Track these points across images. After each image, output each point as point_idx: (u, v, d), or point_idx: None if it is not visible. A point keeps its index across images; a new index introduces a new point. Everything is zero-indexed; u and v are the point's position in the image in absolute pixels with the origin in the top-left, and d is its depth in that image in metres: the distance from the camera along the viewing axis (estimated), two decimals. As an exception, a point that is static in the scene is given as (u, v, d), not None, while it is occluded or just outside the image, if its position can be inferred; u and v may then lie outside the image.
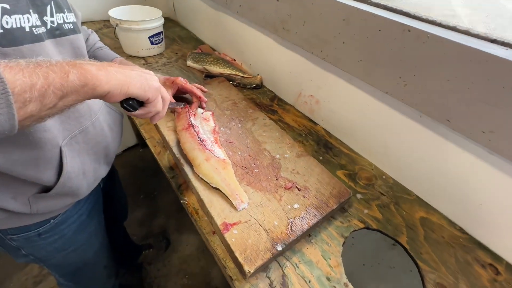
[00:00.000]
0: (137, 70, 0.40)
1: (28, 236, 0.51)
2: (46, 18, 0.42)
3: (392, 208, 0.58)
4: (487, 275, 0.48)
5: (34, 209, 0.47)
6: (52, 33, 0.44)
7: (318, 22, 0.62)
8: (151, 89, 0.40)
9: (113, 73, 0.35)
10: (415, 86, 0.50)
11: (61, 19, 0.46)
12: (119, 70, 0.37)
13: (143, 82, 0.38)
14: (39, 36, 0.40)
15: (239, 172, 0.55)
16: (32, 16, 0.39)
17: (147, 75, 0.41)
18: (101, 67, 0.34)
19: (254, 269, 0.41)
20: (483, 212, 0.51)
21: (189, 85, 0.68)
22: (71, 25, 0.48)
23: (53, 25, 0.44)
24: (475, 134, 0.45)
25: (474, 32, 0.47)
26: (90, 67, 0.33)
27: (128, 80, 0.36)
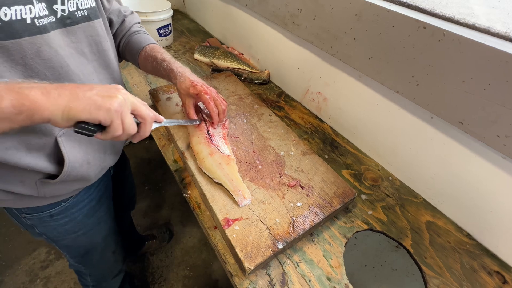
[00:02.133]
0: (96, 89, 0.35)
1: (41, 216, 0.53)
2: (56, 6, 0.40)
3: (397, 210, 0.57)
4: (494, 283, 0.47)
5: (41, 193, 0.47)
6: (63, 22, 0.42)
7: (329, 17, 0.60)
8: (101, 111, 0.34)
9: (55, 98, 0.32)
10: (428, 86, 0.48)
11: (73, 6, 0.43)
12: (66, 92, 0.33)
13: (90, 104, 0.33)
14: (42, 27, 0.38)
15: (242, 168, 0.55)
16: (36, 6, 0.37)
17: (103, 96, 0.35)
18: (46, 91, 0.32)
19: (254, 266, 0.41)
20: (493, 219, 0.49)
21: (212, 105, 0.57)
22: (86, 11, 0.45)
23: (64, 13, 0.41)
24: (489, 138, 0.43)
25: (494, 30, 0.44)
26: (32, 92, 0.31)
27: (70, 104, 0.32)
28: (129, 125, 0.38)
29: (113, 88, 0.37)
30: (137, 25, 0.64)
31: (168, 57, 0.60)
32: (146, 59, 0.61)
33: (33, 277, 1.11)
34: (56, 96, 0.32)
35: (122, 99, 0.36)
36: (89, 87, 0.35)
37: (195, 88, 0.57)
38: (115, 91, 0.37)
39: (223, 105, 0.60)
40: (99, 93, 0.35)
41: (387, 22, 0.50)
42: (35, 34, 0.37)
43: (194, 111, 0.60)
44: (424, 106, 0.50)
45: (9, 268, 1.12)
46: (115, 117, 0.35)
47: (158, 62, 0.59)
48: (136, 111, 0.39)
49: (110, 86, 0.37)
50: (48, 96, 0.32)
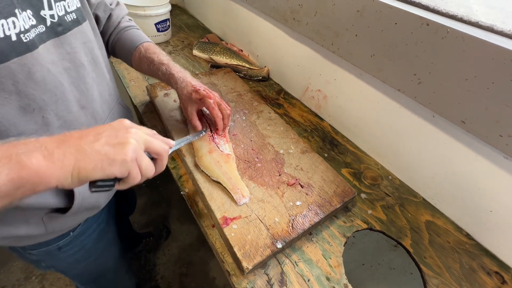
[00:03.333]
0: (104, 136, 0.30)
1: (48, 251, 0.49)
2: (44, 12, 0.34)
3: (397, 209, 0.56)
4: (493, 284, 0.47)
5: (50, 229, 0.43)
6: (54, 31, 0.36)
7: (330, 13, 0.59)
8: (116, 166, 0.29)
9: (60, 159, 0.26)
10: (430, 84, 0.47)
11: (62, 9, 0.38)
12: (70, 149, 0.27)
13: (102, 159, 0.28)
14: (29, 43, 0.32)
15: (241, 166, 0.54)
16: (20, 18, 0.31)
17: (114, 145, 0.30)
18: (48, 152, 0.26)
19: (252, 266, 0.40)
20: (493, 219, 0.49)
21: (216, 110, 0.53)
22: (74, 14, 0.40)
23: (54, 20, 0.36)
24: (492, 138, 0.43)
25: (498, 29, 0.44)
26: (32, 158, 0.25)
27: (79, 164, 0.27)
28: (147, 168, 0.33)
29: (121, 129, 0.32)
30: (126, 19, 0.59)
31: (166, 59, 0.56)
32: (142, 61, 0.56)
33: (28, 274, 1.10)
34: (61, 158, 0.26)
35: (135, 143, 0.31)
36: (94, 135, 0.30)
37: (197, 93, 0.52)
38: (125, 133, 0.31)
39: (227, 109, 0.56)
40: (108, 141, 0.29)
41: (389, 19, 0.49)
42: (24, 53, 0.32)
43: (197, 117, 0.55)
44: (426, 104, 0.49)
45: (4, 265, 1.11)
46: (132, 167, 0.31)
47: (155, 65, 0.55)
48: (150, 148, 0.34)
49: (117, 127, 0.32)
50: (52, 160, 0.26)
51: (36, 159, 0.25)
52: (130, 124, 0.33)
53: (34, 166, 0.25)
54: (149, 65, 0.56)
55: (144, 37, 0.59)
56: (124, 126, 0.32)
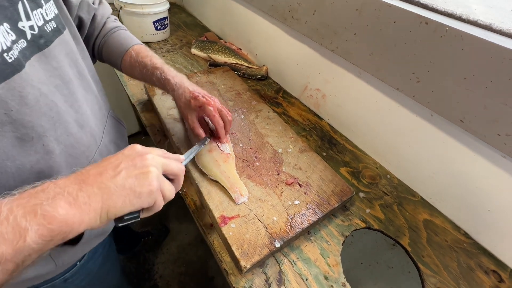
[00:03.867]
0: (123, 168, 0.28)
1: (53, 284, 0.45)
2: (22, 24, 0.30)
3: (395, 208, 0.56)
4: (490, 282, 0.47)
5: (59, 263, 0.40)
6: (36, 45, 0.32)
7: (329, 12, 0.59)
8: (143, 198, 0.29)
9: (86, 203, 0.25)
10: (429, 83, 0.47)
11: (40, 18, 0.33)
12: (94, 189, 0.26)
13: (128, 194, 0.28)
14: (15, 62, 0.28)
15: (239, 165, 0.54)
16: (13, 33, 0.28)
17: (136, 177, 0.28)
18: (72, 198, 0.25)
19: (250, 265, 0.40)
20: (490, 218, 0.49)
21: (217, 117, 0.50)
22: (53, 22, 0.35)
23: (34, 31, 0.31)
24: (490, 137, 0.43)
25: (496, 27, 0.44)
26: (58, 208, 0.23)
27: (107, 204, 0.26)
28: (170, 192, 0.32)
29: (136, 157, 0.30)
30: (111, 19, 0.55)
31: (160, 63, 0.53)
32: (133, 66, 0.53)
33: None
34: (87, 201, 0.25)
35: (156, 170, 0.30)
36: (112, 168, 0.28)
37: (197, 100, 0.49)
38: (143, 161, 0.30)
39: (228, 116, 0.52)
40: (129, 173, 0.28)
41: (388, 17, 0.49)
42: (11, 75, 0.28)
43: (199, 126, 0.52)
44: (425, 103, 0.49)
45: None
46: (158, 195, 0.30)
47: (148, 69, 0.51)
48: (168, 171, 0.33)
49: (131, 155, 0.30)
50: (78, 205, 0.25)
51: (62, 209, 0.24)
52: (143, 149, 0.32)
53: (62, 216, 0.23)
54: (142, 70, 0.52)
55: (133, 39, 0.55)
56: (138, 153, 0.31)
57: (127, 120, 1.54)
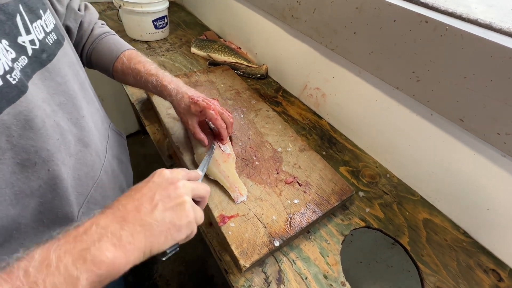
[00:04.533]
0: (159, 200, 0.28)
1: None
2: (22, 39, 0.28)
3: (395, 207, 0.56)
4: (489, 281, 0.47)
5: None
6: (39, 60, 0.30)
7: (329, 10, 0.59)
8: (183, 230, 0.29)
9: (131, 243, 0.25)
10: (429, 82, 0.47)
11: (41, 31, 0.31)
12: (135, 227, 0.26)
13: (169, 228, 0.28)
14: (19, 84, 0.26)
15: (239, 164, 0.54)
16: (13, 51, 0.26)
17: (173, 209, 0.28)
18: (116, 238, 0.24)
19: (250, 264, 0.40)
20: (490, 217, 0.49)
21: (219, 121, 0.50)
22: (54, 34, 0.33)
23: (35, 46, 0.29)
24: (489, 136, 0.42)
25: (497, 26, 0.43)
26: (104, 251, 0.23)
27: (149, 240, 0.26)
28: (201, 218, 0.32)
29: (168, 186, 0.30)
30: (98, 25, 0.53)
31: (154, 68, 0.52)
32: (126, 73, 0.51)
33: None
34: (130, 240, 0.25)
35: (189, 199, 0.30)
36: (148, 201, 0.28)
37: (197, 105, 0.49)
38: (175, 190, 0.30)
39: (230, 117, 0.52)
40: (165, 206, 0.28)
41: (388, 16, 0.49)
42: (17, 99, 0.26)
43: (200, 131, 0.52)
44: (425, 102, 0.49)
45: None
46: (194, 224, 0.31)
47: (143, 76, 0.50)
48: (197, 195, 0.33)
49: (163, 184, 0.30)
50: (123, 246, 0.24)
51: (109, 252, 0.23)
52: (172, 176, 0.31)
53: (110, 259, 0.23)
54: (136, 77, 0.51)
55: (123, 44, 0.54)
56: (168, 180, 0.30)
57: (126, 119, 1.54)
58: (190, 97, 0.50)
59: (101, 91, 1.30)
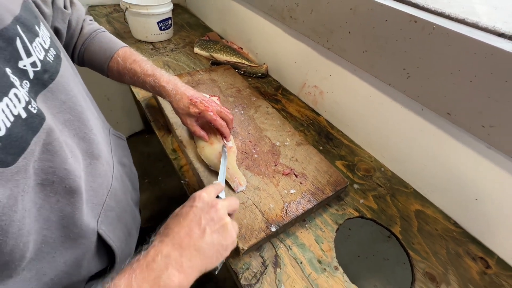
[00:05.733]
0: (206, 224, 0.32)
1: None
2: (23, 63, 0.26)
3: (388, 199, 0.59)
4: (477, 268, 0.49)
5: None
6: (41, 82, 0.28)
7: (325, 11, 0.62)
8: (228, 250, 0.34)
9: (190, 267, 0.29)
10: (418, 78, 0.50)
11: (40, 50, 0.29)
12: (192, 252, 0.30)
13: (218, 250, 0.32)
14: (39, 112, 0.26)
15: (239, 157, 0.57)
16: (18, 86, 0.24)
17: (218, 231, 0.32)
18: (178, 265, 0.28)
19: (247, 247, 0.43)
20: (478, 207, 0.51)
21: (219, 120, 0.53)
22: (52, 49, 0.32)
23: (37, 68, 0.28)
24: (475, 128, 0.45)
25: (483, 25, 0.46)
26: (172, 278, 0.27)
27: (204, 262, 0.30)
28: (237, 231, 0.36)
29: (210, 209, 0.33)
30: (87, 22, 0.52)
31: (150, 68, 0.52)
32: (122, 74, 0.52)
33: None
34: (190, 265, 0.29)
35: (229, 220, 0.34)
36: (197, 226, 0.32)
37: (195, 107, 0.51)
38: (217, 213, 0.33)
39: (229, 115, 0.54)
40: (212, 229, 0.32)
41: (380, 16, 0.52)
42: (40, 127, 0.26)
43: (199, 128, 0.54)
44: (415, 98, 0.52)
45: None
46: (236, 240, 0.36)
47: (140, 77, 0.51)
48: (232, 210, 0.37)
49: (205, 208, 0.33)
50: (184, 270, 0.29)
51: (175, 277, 0.28)
52: (209, 198, 0.35)
53: (176, 284, 0.27)
54: (133, 78, 0.52)
55: (116, 42, 0.53)
56: (209, 204, 0.34)
57: (131, 118, 1.58)
58: (189, 98, 0.51)
59: (107, 91, 1.35)
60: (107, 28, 1.05)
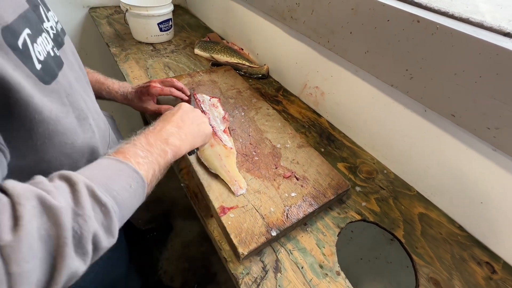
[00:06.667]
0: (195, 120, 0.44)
1: None
2: (46, 25, 0.34)
3: (390, 202, 0.58)
4: (483, 273, 0.48)
5: None
6: (58, 43, 0.36)
7: (326, 11, 0.61)
8: (208, 137, 0.47)
9: (185, 139, 0.40)
10: (421, 79, 0.49)
11: (54, 20, 0.38)
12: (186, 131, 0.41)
13: (202, 134, 0.44)
14: (60, 57, 0.34)
15: (239, 159, 0.56)
16: (45, 32, 0.32)
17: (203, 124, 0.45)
18: (179, 135, 0.40)
19: (248, 252, 0.42)
20: (483, 211, 0.50)
21: (167, 88, 0.61)
22: (59, 24, 0.40)
23: (54, 31, 0.36)
24: (480, 130, 0.44)
25: (487, 25, 0.45)
26: (175, 141, 0.38)
27: (194, 139, 0.42)
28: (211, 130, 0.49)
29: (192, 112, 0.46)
30: None
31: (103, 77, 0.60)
32: None
33: None
34: (184, 138, 0.40)
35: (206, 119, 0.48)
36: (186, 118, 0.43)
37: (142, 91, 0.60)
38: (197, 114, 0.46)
39: (171, 80, 0.63)
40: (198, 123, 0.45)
41: (382, 16, 0.51)
42: (62, 66, 0.34)
43: (159, 106, 0.62)
44: (418, 99, 0.51)
45: None
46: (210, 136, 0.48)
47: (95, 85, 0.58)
48: None
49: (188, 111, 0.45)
50: (182, 139, 0.40)
51: (177, 142, 0.39)
52: (190, 107, 0.47)
53: (177, 146, 0.39)
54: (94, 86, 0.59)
55: None
56: (190, 108, 0.46)
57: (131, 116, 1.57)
58: (133, 87, 0.61)
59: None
60: (107, 29, 1.05)
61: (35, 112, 0.28)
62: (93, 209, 0.25)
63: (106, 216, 0.26)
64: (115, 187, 0.28)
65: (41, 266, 0.21)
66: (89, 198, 0.25)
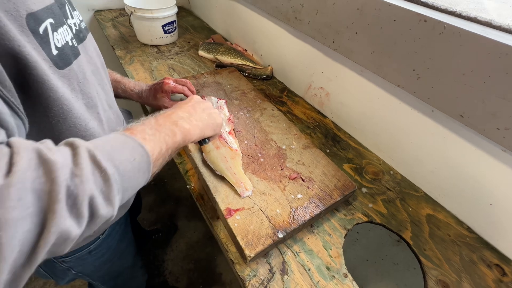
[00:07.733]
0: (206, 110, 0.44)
1: (80, 256, 0.51)
2: (69, 21, 0.38)
3: (398, 203, 0.57)
4: (493, 275, 0.47)
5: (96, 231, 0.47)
6: (79, 37, 0.40)
7: (331, 12, 0.61)
8: (219, 127, 0.45)
9: (195, 125, 0.40)
10: (429, 79, 0.48)
11: (78, 18, 0.42)
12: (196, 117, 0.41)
13: (213, 123, 0.44)
14: (77, 47, 0.38)
15: (244, 161, 0.56)
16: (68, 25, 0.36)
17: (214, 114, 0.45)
18: (189, 120, 0.40)
19: (254, 254, 0.42)
20: (493, 212, 0.49)
21: (180, 86, 0.63)
22: (83, 23, 0.44)
23: (76, 27, 0.40)
24: (489, 131, 0.43)
25: (496, 23, 0.44)
26: (185, 124, 0.38)
27: (204, 127, 0.42)
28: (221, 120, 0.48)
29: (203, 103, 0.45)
30: None
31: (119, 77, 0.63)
32: None
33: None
34: (195, 124, 0.40)
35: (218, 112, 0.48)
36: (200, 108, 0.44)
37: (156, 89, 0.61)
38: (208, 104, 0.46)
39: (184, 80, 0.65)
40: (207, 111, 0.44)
41: (388, 16, 0.50)
42: (77, 56, 0.37)
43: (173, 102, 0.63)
44: (425, 99, 0.50)
45: None
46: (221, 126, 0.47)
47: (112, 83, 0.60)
48: None
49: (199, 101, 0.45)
50: (192, 124, 0.40)
51: (187, 125, 0.39)
52: (200, 98, 0.47)
53: (187, 129, 0.38)
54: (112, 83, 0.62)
55: None
56: (200, 100, 0.46)
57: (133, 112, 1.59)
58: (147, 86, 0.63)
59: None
60: (112, 32, 1.06)
61: (50, 90, 0.30)
62: (93, 173, 0.25)
63: (105, 182, 0.25)
64: (118, 157, 0.28)
65: (32, 219, 0.20)
66: (90, 162, 0.25)
